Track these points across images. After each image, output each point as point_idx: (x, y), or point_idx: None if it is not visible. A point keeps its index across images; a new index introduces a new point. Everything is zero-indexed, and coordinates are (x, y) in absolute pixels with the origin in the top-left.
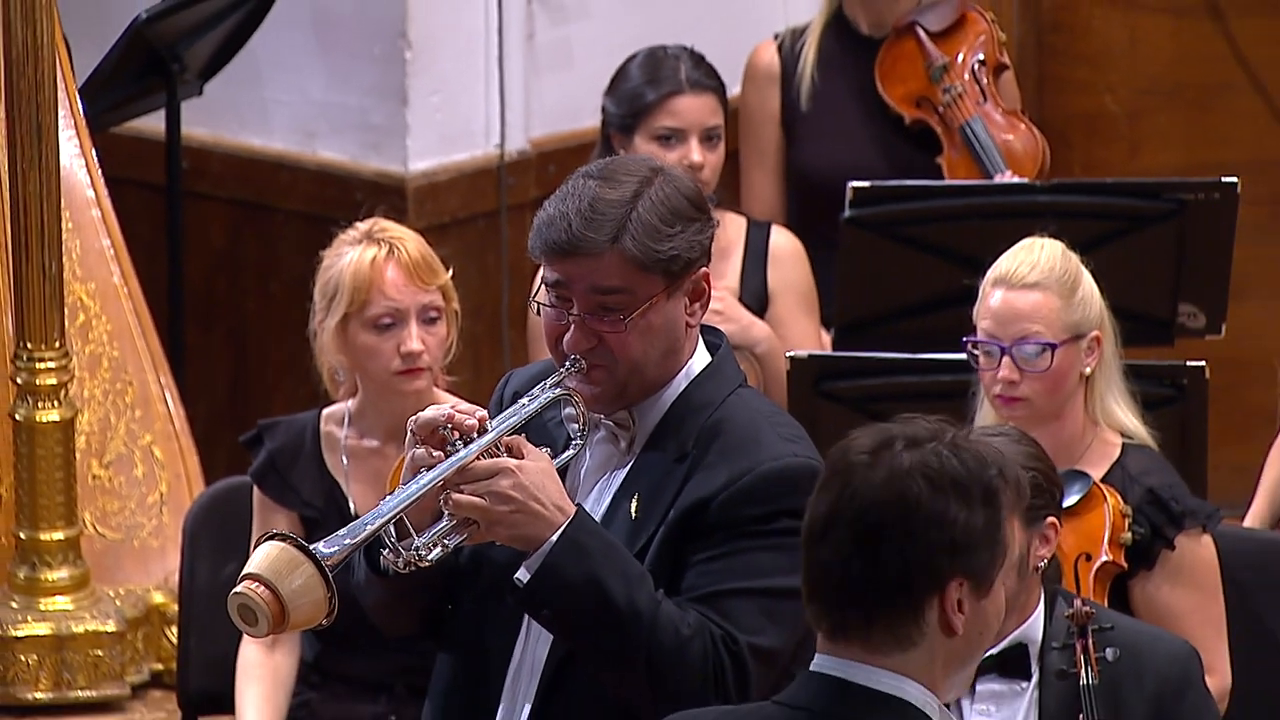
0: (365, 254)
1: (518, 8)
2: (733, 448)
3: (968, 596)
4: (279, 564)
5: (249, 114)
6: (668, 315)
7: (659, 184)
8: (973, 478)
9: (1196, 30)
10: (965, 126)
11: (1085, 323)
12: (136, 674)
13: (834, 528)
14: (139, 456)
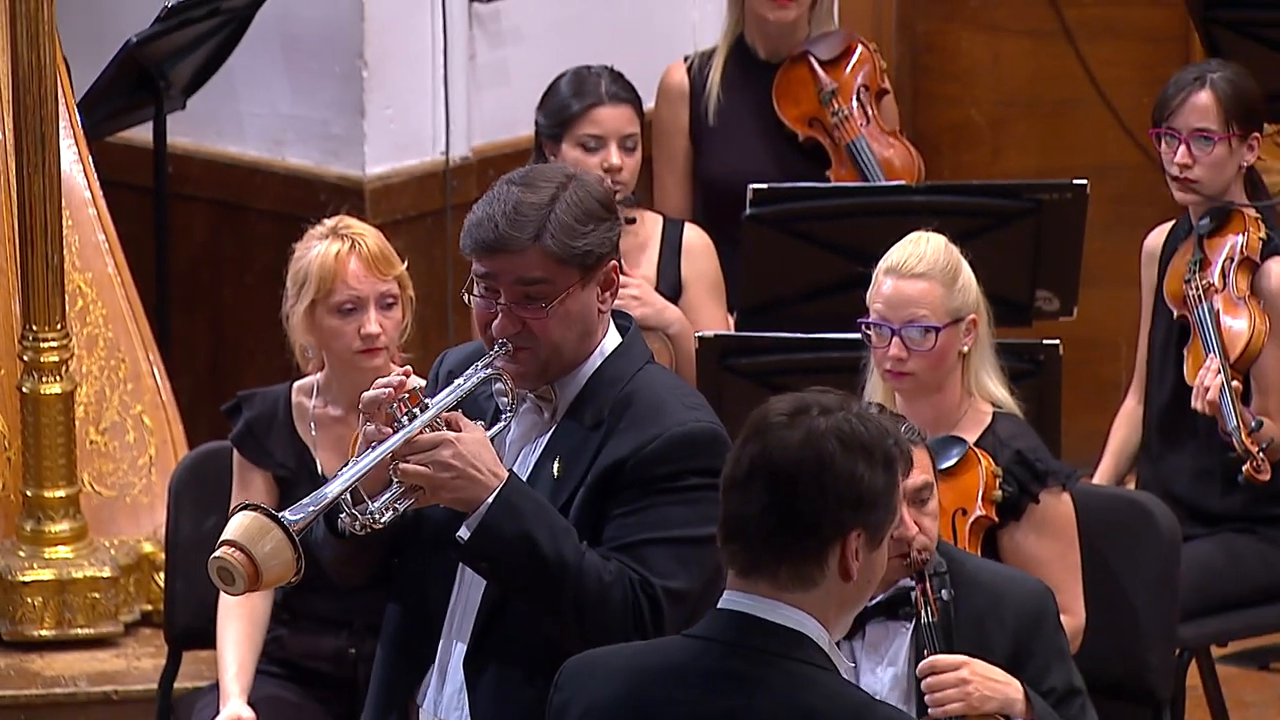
0: (331, 248)
1: (460, 32)
2: (642, 416)
3: (863, 547)
4: (252, 531)
5: (226, 125)
6: (583, 303)
7: (573, 189)
8: (876, 444)
9: (1051, 51)
10: (851, 145)
11: (964, 308)
12: (129, 614)
13: (753, 479)
14: (130, 424)
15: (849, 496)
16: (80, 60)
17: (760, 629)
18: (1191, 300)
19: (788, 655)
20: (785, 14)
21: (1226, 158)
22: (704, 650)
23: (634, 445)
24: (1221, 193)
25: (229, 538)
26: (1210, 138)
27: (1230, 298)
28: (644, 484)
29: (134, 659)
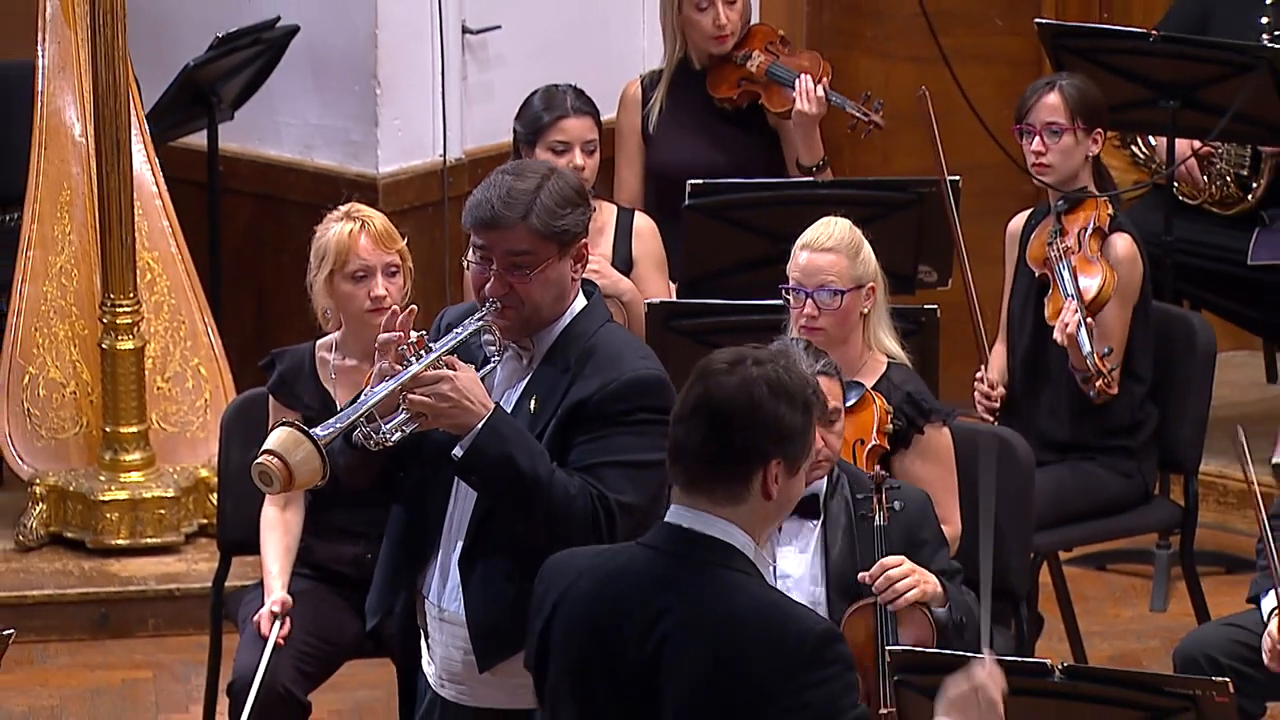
0: (345, 227)
1: (455, 58)
2: (603, 363)
3: (782, 474)
4: (287, 442)
5: (266, 133)
6: (559, 272)
7: (555, 179)
8: (799, 391)
9: (931, 73)
10: (769, 71)
11: (865, 276)
12: (188, 526)
13: (696, 414)
14: (189, 374)
15: (772, 432)
16: (148, 80)
17: (700, 542)
18: (1053, 259)
19: (720, 564)
20: (724, 47)
21: (1073, 147)
22: (652, 558)
23: (596, 387)
24: (1071, 177)
25: (269, 447)
26: (1058, 130)
27: (1085, 256)
28: (603, 418)
29: (192, 563)
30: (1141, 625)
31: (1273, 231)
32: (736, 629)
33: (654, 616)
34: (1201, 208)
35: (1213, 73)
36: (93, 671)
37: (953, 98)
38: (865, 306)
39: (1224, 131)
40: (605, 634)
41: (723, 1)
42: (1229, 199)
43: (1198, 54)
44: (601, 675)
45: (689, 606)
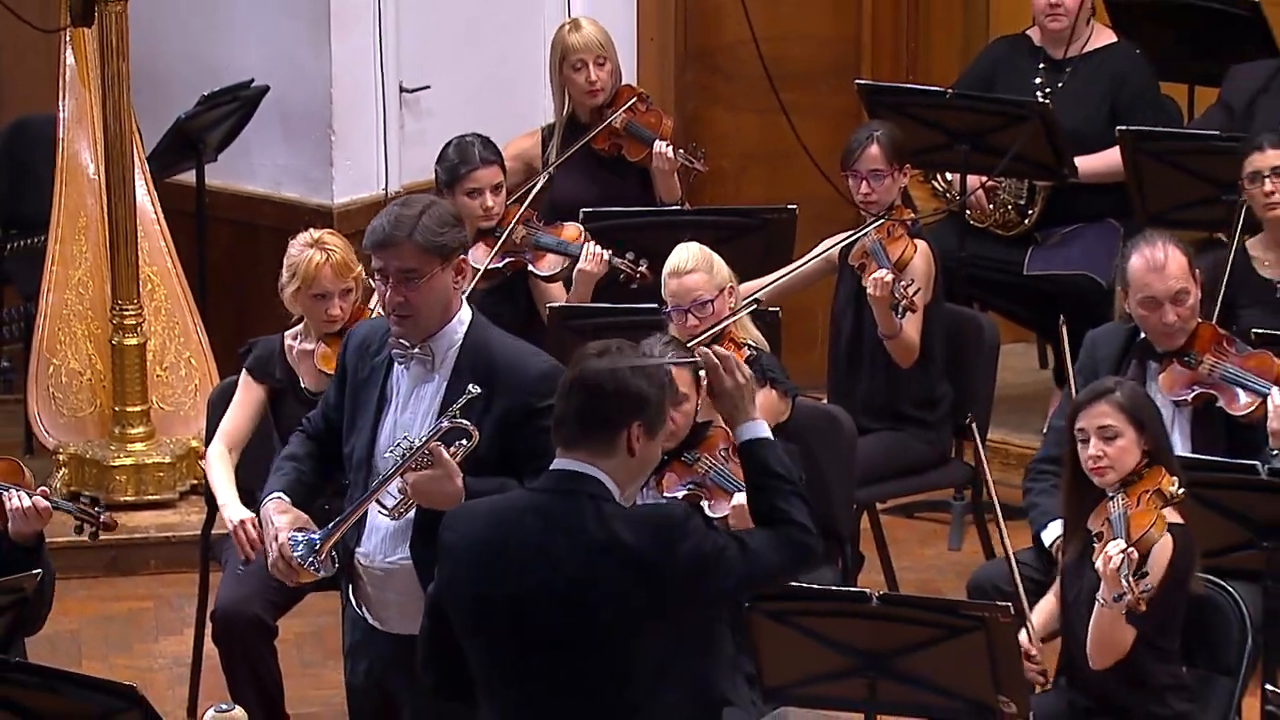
0: (314, 255)
1: (394, 111)
2: (511, 373)
3: (642, 436)
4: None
5: (243, 171)
6: (443, 283)
7: (435, 206)
8: (654, 372)
9: (773, 122)
10: (628, 126)
11: (723, 281)
12: (182, 486)
13: (574, 389)
14: (182, 364)
15: (634, 403)
16: (148, 129)
17: (576, 478)
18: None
19: (593, 494)
20: (596, 101)
21: (891, 184)
22: (539, 495)
23: (514, 397)
24: (889, 206)
25: None
26: (880, 174)
27: (892, 238)
28: (529, 414)
29: (185, 515)
30: (941, 562)
31: (1044, 248)
32: (613, 534)
33: (541, 538)
34: (988, 230)
35: (996, 122)
36: (104, 603)
37: (790, 142)
38: (730, 303)
39: (1005, 169)
40: (503, 557)
41: (593, 63)
42: (1010, 223)
43: (984, 107)
44: (501, 597)
45: (575, 529)
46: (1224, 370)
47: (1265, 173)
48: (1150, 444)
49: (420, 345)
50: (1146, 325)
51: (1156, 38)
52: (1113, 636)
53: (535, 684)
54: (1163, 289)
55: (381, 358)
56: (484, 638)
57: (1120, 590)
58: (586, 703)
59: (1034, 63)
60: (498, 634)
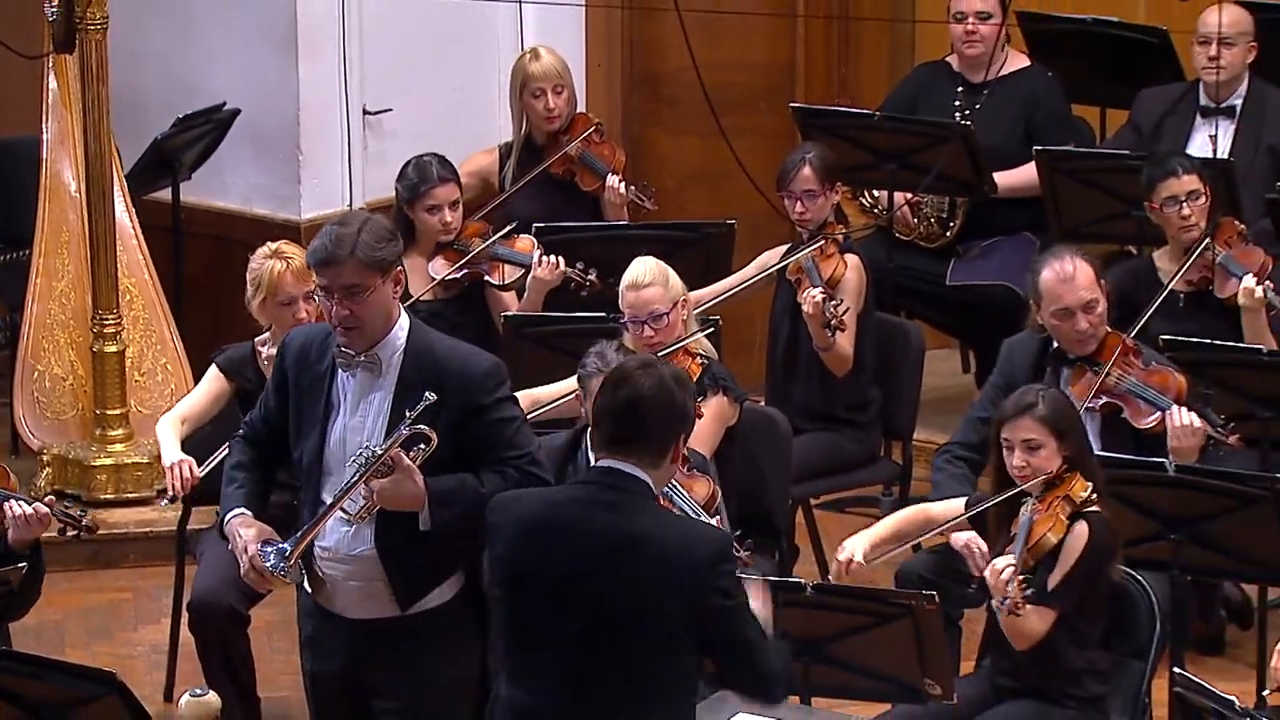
0: (275, 265)
1: (358, 132)
2: (456, 375)
3: (682, 445)
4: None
5: (216, 189)
6: (385, 294)
7: (372, 222)
8: (690, 385)
9: (713, 145)
10: (582, 156)
11: (677, 294)
12: (159, 484)
13: (630, 406)
14: (159, 370)
15: (680, 416)
16: (127, 150)
17: (626, 478)
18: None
19: (641, 493)
20: (553, 126)
21: (824, 203)
22: (591, 489)
23: (463, 396)
24: (822, 222)
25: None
26: (814, 194)
27: (825, 256)
28: (478, 410)
29: (162, 512)
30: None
31: (965, 260)
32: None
33: (594, 530)
34: (913, 243)
35: (921, 142)
36: (87, 594)
37: (729, 162)
38: (684, 315)
39: (929, 186)
40: (553, 547)
41: (551, 91)
42: (933, 236)
43: (909, 129)
44: (547, 580)
45: (622, 523)
46: (1129, 384)
47: (1181, 197)
48: (1070, 450)
49: (365, 353)
50: (1059, 334)
51: (1070, 63)
52: (1019, 628)
53: (560, 660)
54: (1074, 299)
55: (324, 365)
56: (521, 615)
57: (1005, 595)
58: (603, 678)
59: (953, 86)
60: (532, 610)
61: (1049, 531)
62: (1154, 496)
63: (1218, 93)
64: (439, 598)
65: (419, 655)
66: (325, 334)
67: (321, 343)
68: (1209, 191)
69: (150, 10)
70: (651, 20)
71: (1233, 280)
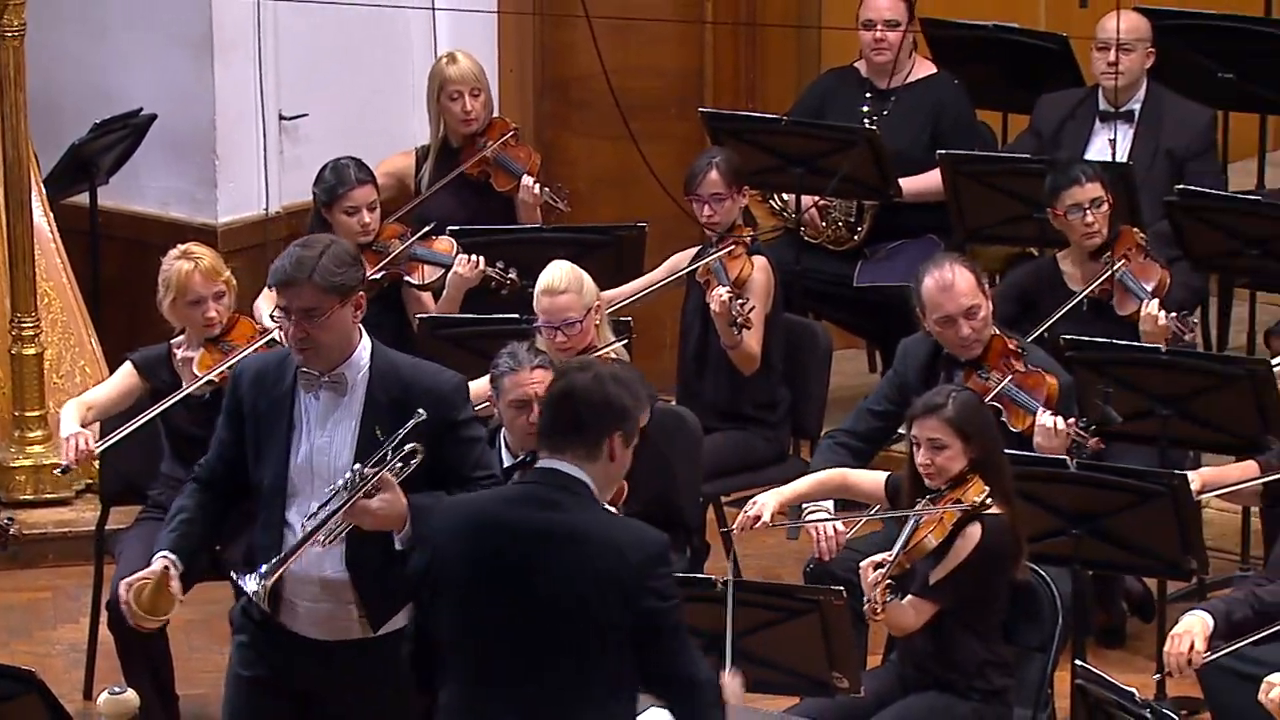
0: (183, 265)
1: (274, 137)
2: (424, 392)
3: (621, 445)
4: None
5: (133, 193)
6: (343, 318)
7: (334, 246)
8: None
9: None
10: (498, 159)
11: (591, 300)
12: (78, 485)
13: (563, 400)
14: (77, 372)
15: (616, 412)
16: (44, 155)
17: (566, 478)
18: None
19: (582, 494)
20: (470, 129)
21: (732, 206)
22: (531, 488)
23: (434, 413)
24: (730, 224)
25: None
26: (721, 198)
27: (732, 257)
28: (451, 427)
29: (81, 512)
30: (781, 550)
31: (871, 262)
32: (597, 535)
33: (536, 527)
34: (821, 245)
35: (827, 147)
36: (5, 593)
37: (639, 167)
38: (597, 320)
39: (836, 190)
40: (495, 545)
41: (468, 94)
42: (841, 239)
43: (816, 133)
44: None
45: (557, 520)
46: (1005, 387)
47: (1085, 205)
48: (976, 453)
49: (329, 374)
50: (944, 340)
51: (972, 69)
52: (889, 617)
53: (501, 659)
54: (954, 307)
55: (282, 389)
56: (460, 615)
57: (868, 595)
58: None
59: (861, 92)
60: (471, 610)
61: (930, 535)
62: (1056, 493)
63: (1116, 98)
64: (404, 618)
65: (380, 675)
66: (281, 358)
67: (279, 366)
68: (1111, 198)
69: (67, 16)
70: (562, 26)
71: (1133, 299)
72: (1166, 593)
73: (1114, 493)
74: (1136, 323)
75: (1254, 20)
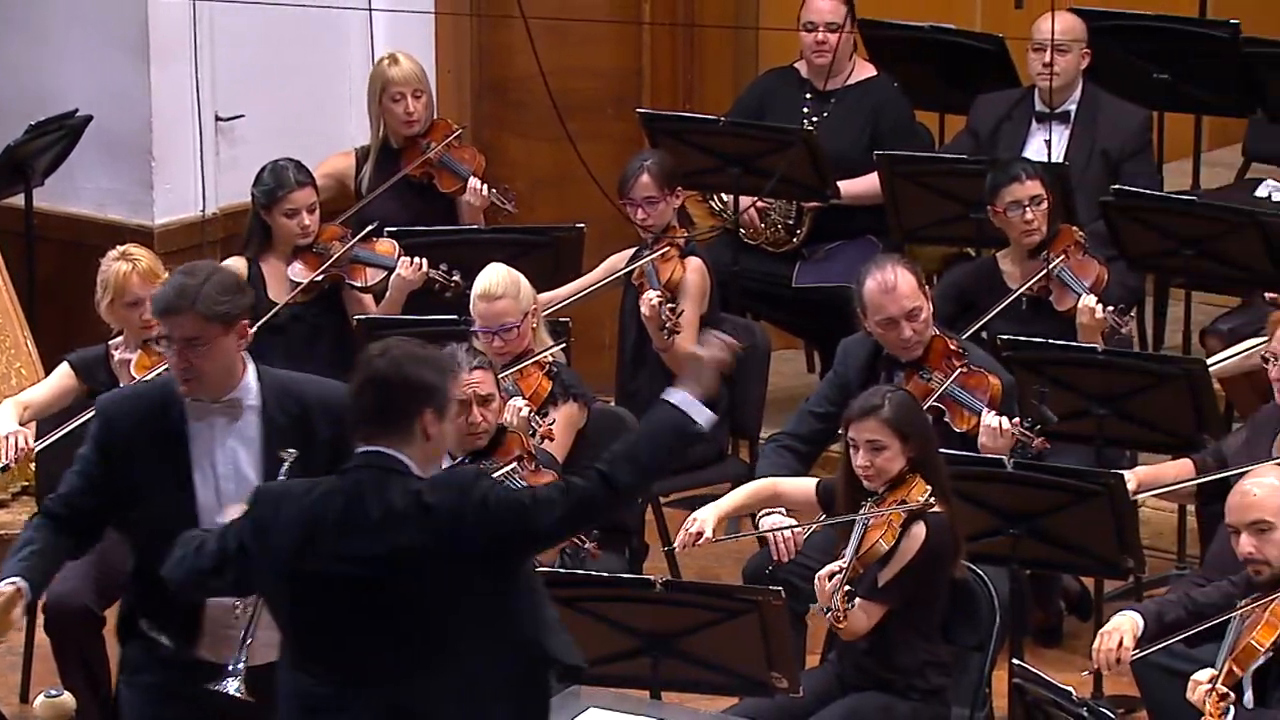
0: (121, 267)
1: (210, 138)
2: (319, 405)
3: (433, 421)
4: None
5: (69, 195)
6: (226, 347)
7: (218, 274)
8: (432, 361)
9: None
10: (443, 160)
11: (528, 304)
12: (14, 488)
13: (365, 387)
14: (14, 374)
15: (422, 390)
16: None
17: (379, 456)
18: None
19: (403, 471)
20: (412, 130)
21: (665, 208)
22: (347, 475)
23: (330, 428)
24: (665, 226)
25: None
26: (654, 200)
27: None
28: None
29: (17, 515)
30: (720, 550)
31: (810, 263)
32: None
33: (353, 509)
34: (760, 246)
35: (764, 147)
36: None
37: (577, 167)
38: (534, 323)
39: (774, 190)
40: (319, 531)
41: (410, 95)
42: (780, 241)
43: (754, 134)
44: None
45: (384, 499)
46: (948, 387)
47: (1025, 202)
48: (915, 452)
49: (220, 401)
50: (886, 341)
51: (909, 69)
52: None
53: (356, 647)
54: (896, 309)
55: (168, 423)
56: (304, 608)
57: (828, 605)
58: (406, 660)
59: (801, 93)
60: (318, 603)
61: (881, 539)
62: (993, 492)
63: (1052, 98)
64: None
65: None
66: (160, 390)
67: (160, 400)
68: (1050, 197)
69: (2, 18)
70: (500, 27)
71: (1071, 295)
72: (1104, 592)
73: (1051, 492)
74: (1075, 318)
75: (1188, 21)
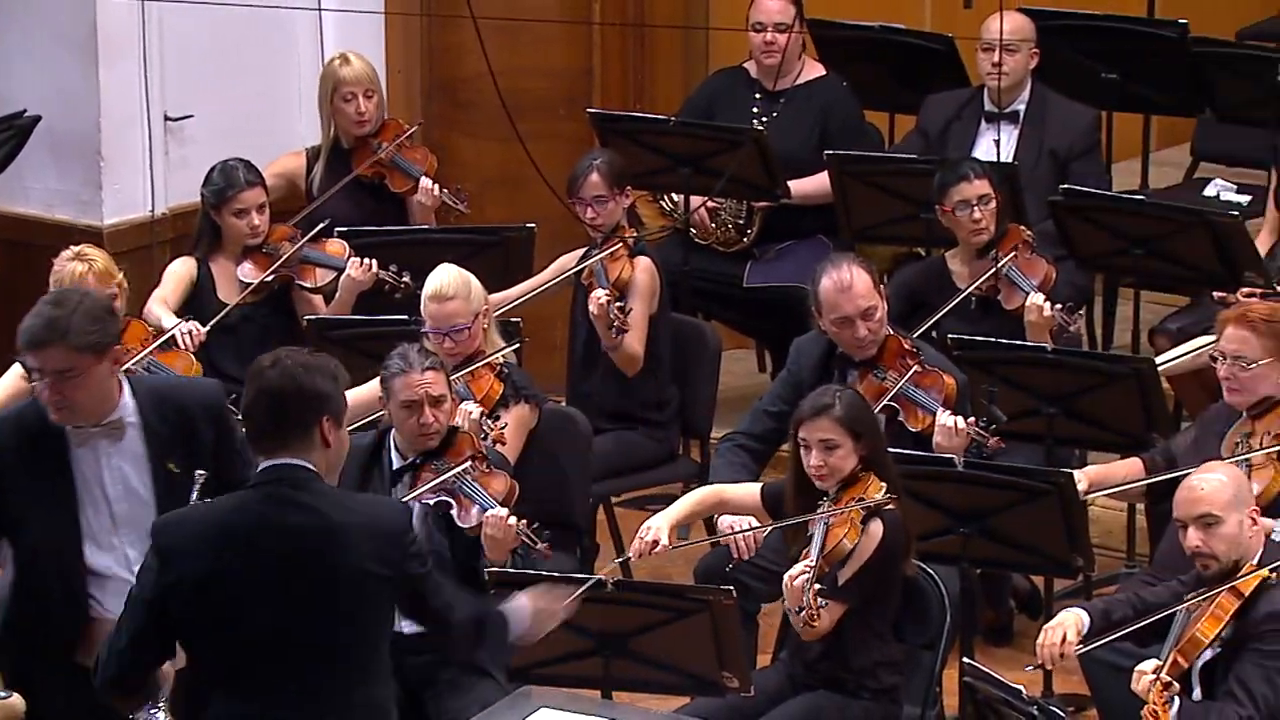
0: (77, 267)
1: (160, 138)
2: (196, 410)
3: (332, 428)
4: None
5: (18, 195)
6: (100, 375)
7: (87, 303)
8: (327, 369)
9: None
10: (394, 160)
11: (479, 305)
12: None
13: (259, 400)
14: None
15: (316, 399)
16: None
17: (291, 469)
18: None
19: (312, 480)
20: (363, 130)
21: (615, 208)
22: (256, 489)
23: (212, 428)
24: (615, 225)
25: None
26: (603, 199)
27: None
28: (228, 433)
29: None
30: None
31: (761, 263)
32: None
33: (269, 520)
34: (711, 246)
35: (714, 147)
36: None
37: (527, 167)
38: (485, 324)
39: (724, 190)
40: (235, 547)
41: (362, 95)
42: (730, 241)
43: (704, 134)
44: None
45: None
46: (902, 387)
47: (973, 202)
48: (866, 450)
49: (100, 425)
50: (841, 341)
51: (858, 69)
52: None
53: (280, 660)
54: (852, 308)
55: (50, 445)
56: (227, 627)
57: (800, 605)
58: (326, 667)
59: (750, 93)
60: (241, 619)
61: (844, 538)
62: (943, 491)
63: (1001, 98)
64: None
65: None
66: (34, 413)
67: (41, 423)
68: (999, 196)
69: None
70: (449, 27)
71: (1019, 293)
72: (1054, 590)
73: (1001, 491)
74: (1023, 317)
75: (1137, 21)
